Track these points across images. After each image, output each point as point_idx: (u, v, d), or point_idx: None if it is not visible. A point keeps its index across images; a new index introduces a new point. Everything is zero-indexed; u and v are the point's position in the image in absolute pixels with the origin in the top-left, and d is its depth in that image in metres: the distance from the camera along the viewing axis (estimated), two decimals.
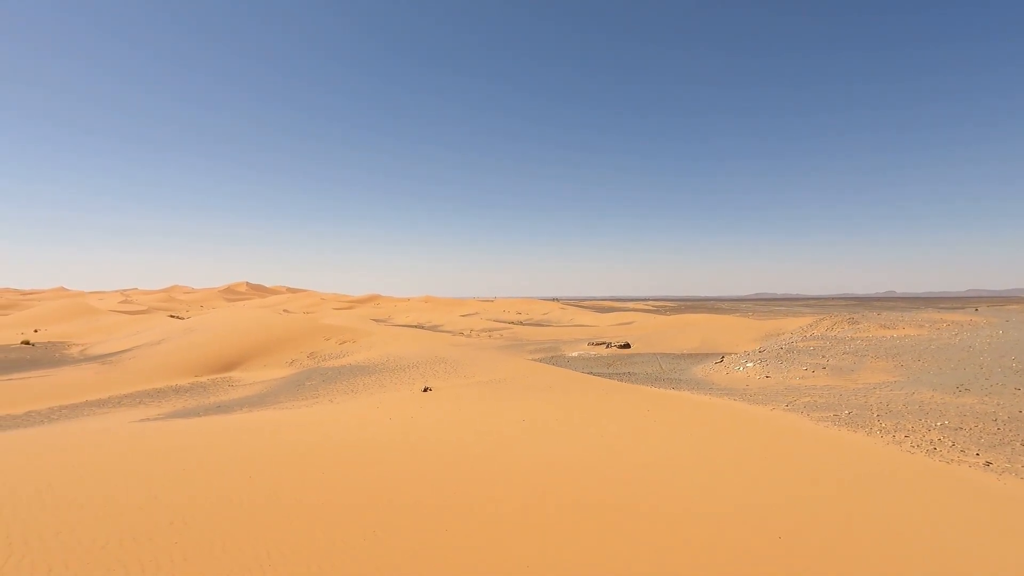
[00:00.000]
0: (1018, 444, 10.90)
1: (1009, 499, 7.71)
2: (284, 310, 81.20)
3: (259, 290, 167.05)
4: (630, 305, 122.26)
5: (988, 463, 9.88)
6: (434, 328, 57.47)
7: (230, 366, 28.13)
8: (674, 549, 4.86)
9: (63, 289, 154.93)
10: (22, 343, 35.15)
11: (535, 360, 27.99)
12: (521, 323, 65.72)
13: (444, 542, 4.61)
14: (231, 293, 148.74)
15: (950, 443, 11.04)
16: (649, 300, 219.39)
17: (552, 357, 33.53)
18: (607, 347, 37.50)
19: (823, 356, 23.78)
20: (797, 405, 15.10)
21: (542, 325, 63.64)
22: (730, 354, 29.09)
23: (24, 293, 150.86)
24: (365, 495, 5.66)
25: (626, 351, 36.18)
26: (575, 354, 35.15)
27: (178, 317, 52.53)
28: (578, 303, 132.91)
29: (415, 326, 59.56)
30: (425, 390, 16.46)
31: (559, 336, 47.27)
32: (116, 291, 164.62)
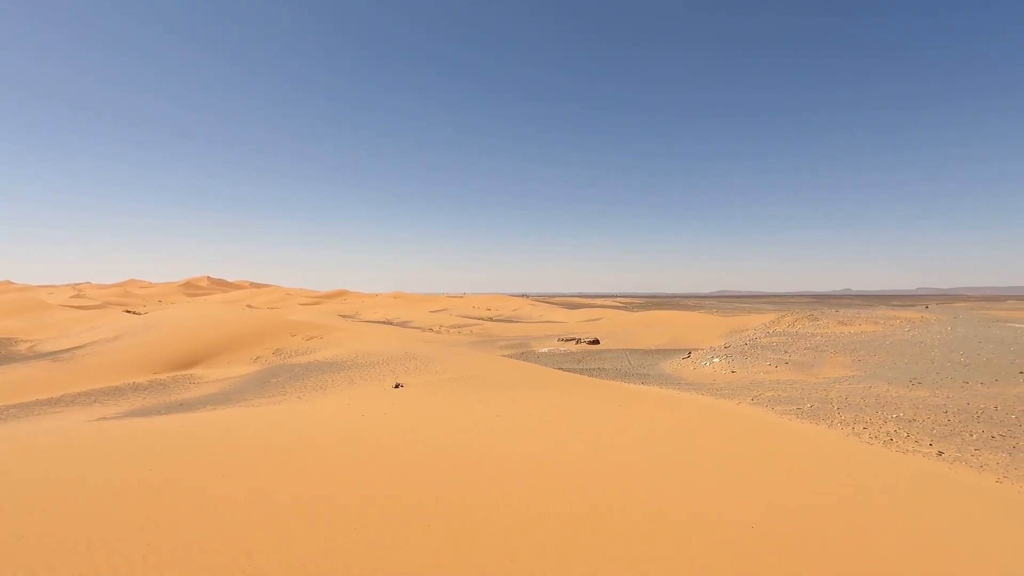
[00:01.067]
0: (967, 435, 11.49)
1: (960, 487, 8.13)
2: (248, 305, 79.09)
3: (221, 285, 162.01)
4: (599, 302, 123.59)
5: (940, 452, 10.39)
6: (404, 324, 56.92)
7: (192, 363, 27.26)
8: (650, 541, 4.95)
9: (9, 283, 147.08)
10: None
11: (506, 356, 28.03)
12: (491, 319, 65.68)
13: (422, 540, 4.59)
14: (192, 288, 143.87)
15: (905, 434, 11.56)
16: (618, 297, 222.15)
17: (522, 353, 33.63)
18: (577, 343, 37.84)
19: (786, 351, 24.53)
20: (762, 399, 15.54)
21: (512, 321, 63.74)
22: (697, 350, 29.73)
23: None
24: (344, 493, 5.58)
25: (595, 347, 36.58)
26: (545, 350, 35.34)
27: (135, 312, 50.62)
28: (548, 300, 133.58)
29: (384, 322, 58.87)
30: (397, 386, 16.29)
31: (529, 332, 47.44)
32: (68, 285, 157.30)
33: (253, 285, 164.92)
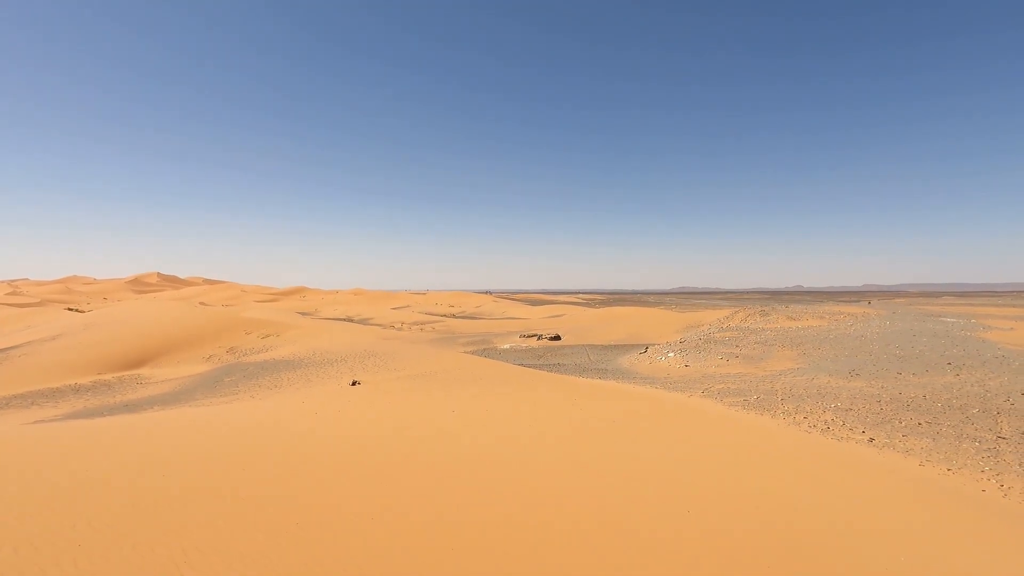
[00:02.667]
0: (897, 422, 12.21)
1: (887, 470, 8.67)
2: (201, 303, 76.39)
3: (172, 281, 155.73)
4: (562, 298, 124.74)
5: (871, 439, 11.02)
6: (364, 321, 56.13)
7: (139, 363, 26.21)
8: (599, 528, 5.13)
9: None
10: None
11: (467, 353, 28.06)
12: (454, 316, 65.46)
13: (362, 536, 4.63)
14: (140, 284, 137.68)
15: (841, 422, 12.20)
16: (580, 293, 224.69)
17: (484, 350, 33.71)
18: (538, 339, 38.17)
19: (737, 346, 25.42)
20: (712, 391, 16.10)
21: (475, 318, 63.69)
22: (654, 345, 30.46)
23: None
24: (289, 491, 5.55)
25: (556, 343, 36.99)
26: (507, 346, 35.53)
27: (77, 310, 48.25)
28: (511, 296, 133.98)
29: (344, 319, 57.90)
30: (353, 384, 16.14)
31: (491, 329, 47.54)
32: (2, 282, 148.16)
33: (207, 282, 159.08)
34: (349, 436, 8.38)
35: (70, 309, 49.63)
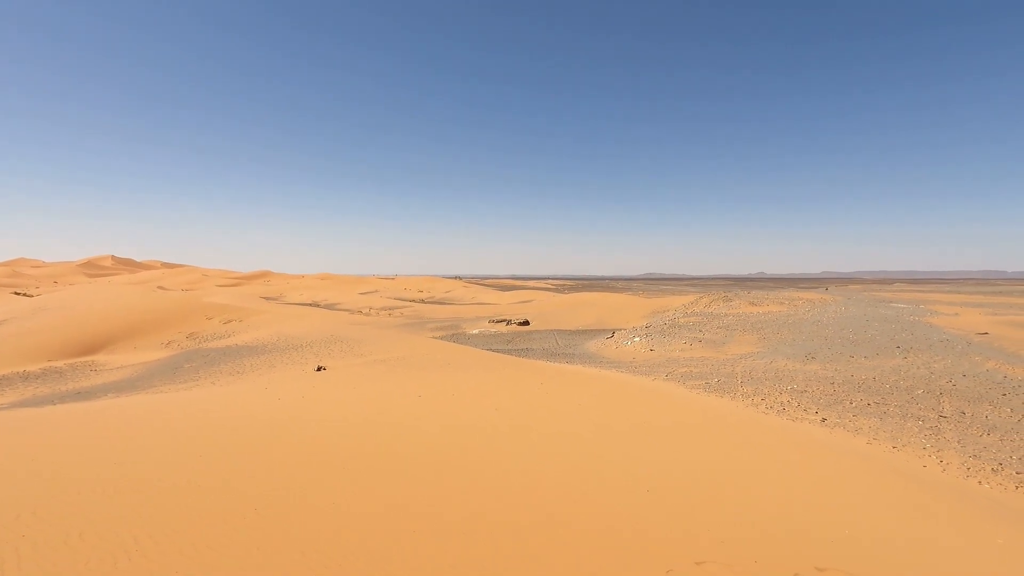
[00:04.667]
0: (848, 403, 12.76)
1: (836, 448, 9.07)
2: (159, 287, 73.79)
3: (128, 265, 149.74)
4: (532, 284, 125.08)
5: (824, 419, 11.50)
6: (331, 307, 55.23)
7: (93, 349, 25.24)
8: (557, 505, 5.23)
9: None
10: None
11: (436, 338, 27.97)
12: (423, 301, 65.00)
13: (325, 525, 4.61)
14: (93, 268, 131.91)
15: (796, 404, 12.68)
16: (550, 279, 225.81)
17: (453, 335, 33.64)
18: (507, 324, 38.29)
19: (700, 331, 26.03)
20: (675, 375, 16.48)
21: (444, 303, 63.39)
22: (620, 330, 30.93)
23: None
24: (247, 479, 5.47)
25: (525, 328, 37.18)
26: (476, 331, 35.53)
27: (25, 294, 46.06)
28: (481, 281, 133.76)
29: (310, 304, 56.85)
30: (319, 370, 15.92)
31: (461, 314, 47.41)
32: None
33: (165, 265, 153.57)
34: (312, 422, 8.28)
35: (17, 293, 47.33)
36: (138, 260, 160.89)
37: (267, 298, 60.65)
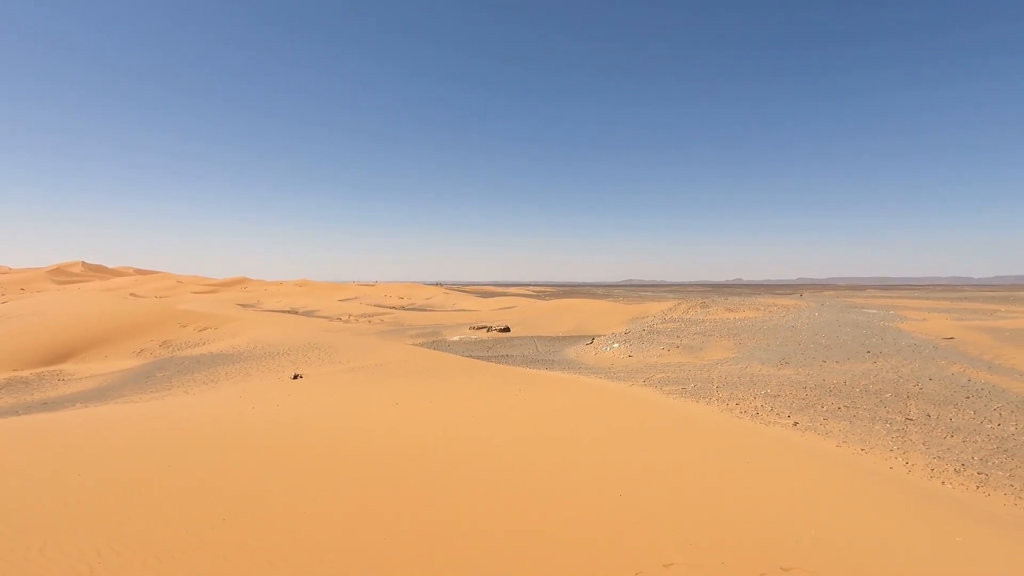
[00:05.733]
0: (819, 407, 13.03)
1: (806, 451, 9.25)
2: (131, 294, 72.12)
3: (99, 271, 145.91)
4: (513, 290, 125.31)
5: (796, 423, 11.73)
6: (309, 313, 54.59)
7: (61, 358, 24.53)
8: (531, 510, 5.25)
9: None
10: None
11: (416, 345, 27.83)
12: (403, 308, 64.64)
13: (296, 533, 4.57)
14: (62, 275, 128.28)
15: (769, 408, 12.91)
16: (531, 285, 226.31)
17: (433, 342, 33.50)
18: (488, 331, 38.26)
19: (678, 336, 26.34)
20: (653, 380, 16.65)
21: (425, 310, 63.11)
22: (600, 336, 31.13)
23: None
24: (219, 487, 5.39)
25: (506, 335, 37.20)
26: (456, 338, 35.44)
27: None
28: (462, 288, 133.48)
29: (288, 311, 56.13)
30: (295, 378, 15.74)
31: (441, 321, 47.25)
32: None
33: (138, 272, 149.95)
34: (286, 430, 8.19)
35: None
36: (110, 267, 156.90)
37: (244, 305, 59.70)
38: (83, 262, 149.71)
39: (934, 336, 22.80)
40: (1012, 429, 11.36)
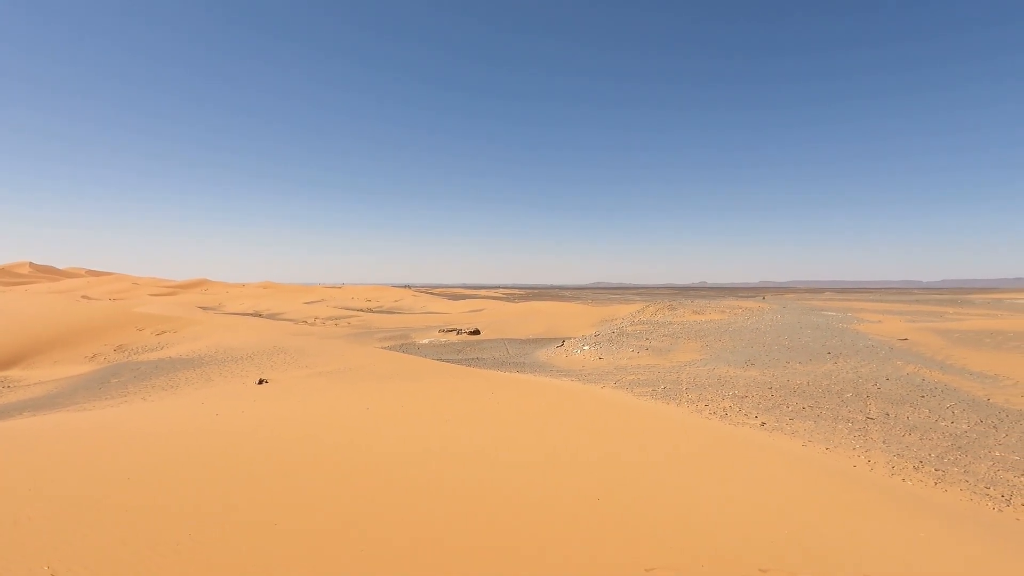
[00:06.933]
0: (785, 407, 13.37)
1: (774, 451, 9.46)
2: (83, 296, 69.02)
3: (48, 272, 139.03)
4: (482, 292, 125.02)
5: (763, 423, 11.99)
6: (274, 316, 53.23)
7: (6, 364, 23.24)
8: (509, 519, 5.18)
9: None
10: None
11: (384, 348, 27.42)
12: (371, 311, 63.68)
13: (265, 546, 4.39)
14: (8, 275, 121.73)
15: (737, 409, 13.17)
16: (500, 288, 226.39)
17: (402, 345, 33.10)
18: (457, 334, 38.03)
19: (647, 339, 26.70)
20: (623, 382, 16.80)
21: (393, 312, 62.35)
22: (570, 338, 31.31)
23: None
24: (182, 499, 5.14)
25: (476, 337, 37.04)
26: (426, 341, 35.11)
27: None
28: (430, 290, 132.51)
29: (251, 314, 54.59)
30: (260, 383, 15.27)
31: (410, 323, 46.76)
32: None
33: (90, 273, 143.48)
34: (253, 439, 7.91)
35: None
36: (60, 267, 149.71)
37: (205, 308, 57.78)
38: (31, 263, 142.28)
39: (889, 337, 23.73)
40: (964, 427, 11.88)
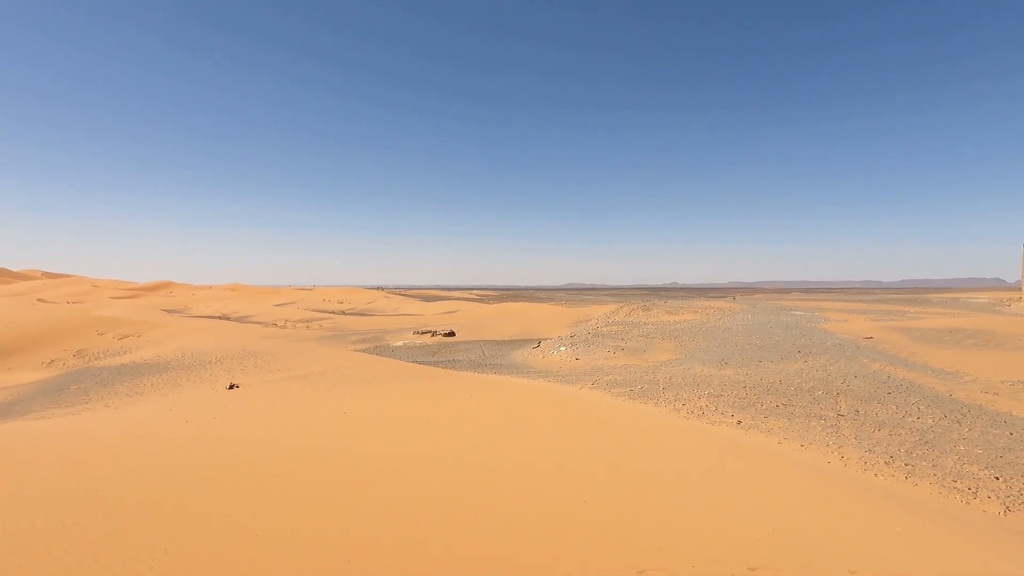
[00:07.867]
0: (760, 405, 13.61)
1: (751, 449, 9.60)
2: (39, 299, 66.13)
3: (1, 274, 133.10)
4: (455, 294, 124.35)
5: (739, 422, 12.17)
6: (242, 319, 51.94)
7: None
8: (498, 523, 5.09)
9: None
10: None
11: (358, 351, 27.00)
12: (343, 313, 62.71)
13: (252, 561, 4.22)
14: None
15: (714, 408, 13.34)
16: (474, 289, 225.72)
17: (376, 347, 32.65)
18: (432, 336, 37.72)
19: (622, 339, 26.91)
20: (601, 383, 16.87)
21: (366, 315, 61.55)
22: (546, 339, 31.36)
23: None
24: (155, 511, 4.91)
25: (451, 339, 36.80)
26: (400, 343, 34.71)
27: None
28: (404, 292, 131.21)
29: (219, 317, 53.16)
30: (231, 388, 14.84)
31: (384, 326, 46.19)
32: None
33: (47, 275, 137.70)
34: (226, 445, 7.64)
35: None
36: (14, 269, 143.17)
37: (169, 311, 56.00)
38: None
39: (855, 336, 24.43)
40: (930, 422, 12.28)
